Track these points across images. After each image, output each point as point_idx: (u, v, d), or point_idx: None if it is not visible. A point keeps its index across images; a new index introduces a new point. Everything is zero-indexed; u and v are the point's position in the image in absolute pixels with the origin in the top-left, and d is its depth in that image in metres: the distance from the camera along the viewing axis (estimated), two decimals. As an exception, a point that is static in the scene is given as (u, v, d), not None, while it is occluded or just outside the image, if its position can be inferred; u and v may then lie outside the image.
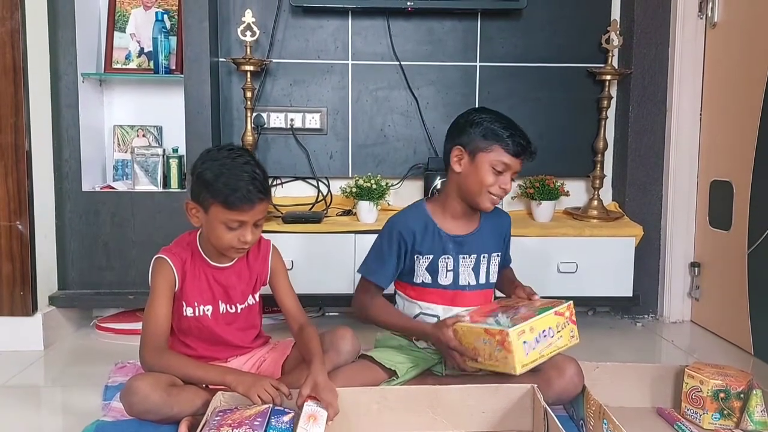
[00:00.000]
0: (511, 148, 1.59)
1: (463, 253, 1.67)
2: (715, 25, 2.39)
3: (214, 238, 1.54)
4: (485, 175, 1.60)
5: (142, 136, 2.48)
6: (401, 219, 1.70)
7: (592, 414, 1.45)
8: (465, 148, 1.62)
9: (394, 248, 1.66)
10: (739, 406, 1.54)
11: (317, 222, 2.32)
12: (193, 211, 1.56)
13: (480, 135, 1.61)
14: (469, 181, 1.62)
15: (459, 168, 1.64)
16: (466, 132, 1.63)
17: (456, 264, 1.67)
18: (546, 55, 2.56)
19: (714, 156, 2.41)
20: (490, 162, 1.60)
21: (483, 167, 1.60)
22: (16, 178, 2.05)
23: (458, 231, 1.69)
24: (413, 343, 1.71)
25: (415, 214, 1.70)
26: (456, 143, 1.64)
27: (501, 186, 1.61)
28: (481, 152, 1.60)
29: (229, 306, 1.64)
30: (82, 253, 2.26)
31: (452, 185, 1.68)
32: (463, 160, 1.63)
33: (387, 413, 1.47)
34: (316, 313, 2.53)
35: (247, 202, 1.49)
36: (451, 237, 1.67)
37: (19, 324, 2.09)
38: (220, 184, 1.49)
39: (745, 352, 2.17)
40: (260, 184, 1.52)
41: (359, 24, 2.53)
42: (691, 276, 2.52)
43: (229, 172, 1.50)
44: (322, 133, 2.57)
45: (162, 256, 1.58)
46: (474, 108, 1.78)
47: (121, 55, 2.42)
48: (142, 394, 1.44)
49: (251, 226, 1.53)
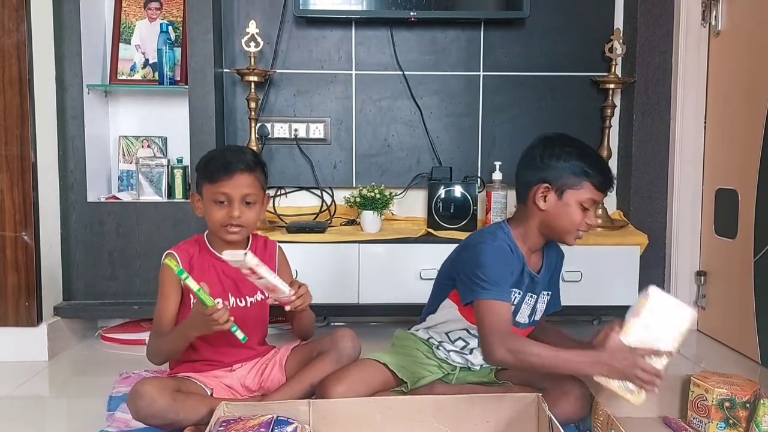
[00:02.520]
0: (601, 186, 1.53)
1: (532, 291, 1.62)
2: (718, 33, 2.39)
3: (209, 220, 1.60)
4: (574, 213, 1.52)
5: (146, 147, 2.50)
6: (509, 243, 1.57)
7: (600, 424, 1.44)
8: (551, 185, 1.53)
9: (510, 269, 1.55)
10: (745, 415, 1.52)
11: (321, 232, 2.32)
12: (196, 201, 1.64)
13: (569, 172, 1.51)
14: (557, 219, 1.54)
15: (544, 205, 1.54)
16: (551, 167, 1.53)
17: (521, 301, 1.60)
18: (549, 64, 2.57)
19: (719, 164, 2.41)
20: (579, 200, 1.52)
21: (572, 205, 1.52)
22: (22, 188, 2.06)
23: (533, 267, 1.62)
24: (432, 351, 1.70)
25: (509, 240, 1.58)
26: (539, 178, 1.54)
27: (588, 222, 1.54)
28: (570, 189, 1.52)
29: (239, 299, 1.64)
30: (87, 264, 2.27)
31: (535, 220, 1.57)
32: (549, 197, 1.53)
33: (391, 423, 1.46)
34: (321, 323, 2.53)
35: (226, 173, 1.56)
36: (530, 274, 1.60)
37: (24, 334, 2.09)
38: (207, 164, 1.61)
39: (753, 361, 2.15)
40: (242, 156, 1.60)
41: (362, 34, 2.54)
42: (697, 285, 2.51)
43: (216, 154, 1.65)
44: (326, 143, 2.58)
45: (169, 252, 1.62)
46: (551, 137, 1.59)
47: (126, 66, 2.44)
48: (149, 398, 1.45)
49: (238, 202, 1.57)
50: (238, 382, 1.65)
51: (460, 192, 2.40)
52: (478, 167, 2.60)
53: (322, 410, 1.45)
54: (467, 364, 1.70)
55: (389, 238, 2.31)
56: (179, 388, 1.52)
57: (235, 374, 1.66)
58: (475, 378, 1.71)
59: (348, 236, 2.32)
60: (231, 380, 1.65)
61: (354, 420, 1.44)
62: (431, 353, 1.70)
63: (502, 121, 2.58)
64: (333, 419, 1.45)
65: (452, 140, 2.59)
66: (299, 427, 1.36)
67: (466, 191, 2.40)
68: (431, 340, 1.72)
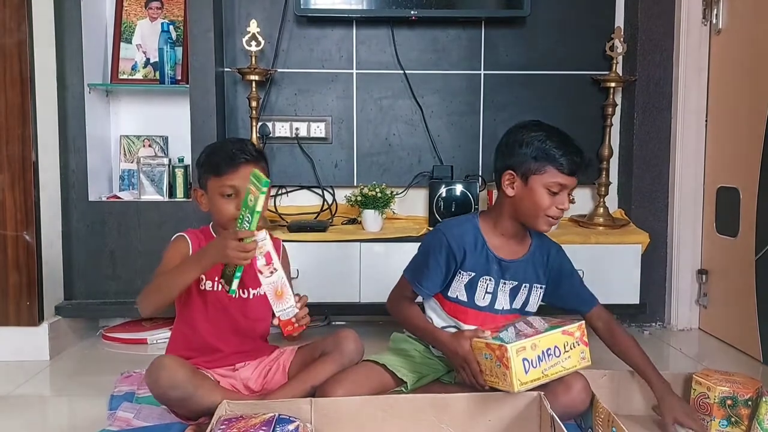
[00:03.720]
0: (565, 168, 1.51)
1: (505, 278, 1.61)
2: (719, 31, 2.39)
3: (217, 213, 1.58)
4: (540, 198, 1.52)
5: (148, 146, 2.50)
6: (454, 232, 1.60)
7: (601, 422, 1.44)
8: (516, 172, 1.54)
9: (443, 261, 1.58)
10: (747, 413, 1.52)
11: (322, 231, 2.32)
12: (199, 196, 1.63)
13: (531, 156, 1.51)
14: (524, 204, 1.54)
15: (512, 192, 1.55)
16: (515, 153, 1.54)
17: (496, 287, 1.61)
18: (550, 62, 2.57)
19: (720, 162, 2.40)
20: (545, 184, 1.51)
21: (537, 190, 1.52)
22: (23, 188, 2.06)
23: (506, 254, 1.61)
24: (429, 350, 1.70)
25: (468, 228, 1.61)
26: (506, 166, 1.56)
27: (558, 207, 1.53)
28: (534, 175, 1.52)
29: (242, 291, 1.63)
30: (89, 263, 2.27)
31: (505, 206, 1.60)
32: (516, 184, 1.54)
33: (392, 422, 1.46)
34: (322, 322, 2.53)
35: (232, 165, 1.55)
36: (497, 259, 1.60)
37: (25, 334, 2.09)
38: (210, 157, 1.59)
39: (754, 359, 2.15)
40: (245, 147, 1.59)
41: (363, 33, 2.54)
42: (698, 283, 2.51)
43: (218, 147, 1.64)
44: (327, 142, 2.58)
45: (179, 234, 1.62)
46: (522, 124, 1.60)
47: (127, 65, 2.44)
48: (171, 369, 1.45)
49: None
50: (242, 383, 1.65)
51: (461, 191, 2.40)
52: (479, 166, 2.60)
53: (323, 409, 1.45)
54: None
55: (390, 237, 2.31)
56: (195, 369, 1.52)
57: (238, 374, 1.66)
58: None
59: (349, 235, 2.32)
60: (234, 380, 1.65)
61: (355, 418, 1.44)
62: (428, 352, 1.70)
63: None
64: (335, 418, 1.44)
65: (453, 139, 2.59)
66: (301, 425, 1.35)
67: (467, 190, 2.40)
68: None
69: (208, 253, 1.45)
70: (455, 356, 1.53)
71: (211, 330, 1.62)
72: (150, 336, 2.31)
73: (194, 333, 1.61)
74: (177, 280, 1.48)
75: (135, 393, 1.77)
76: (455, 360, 1.54)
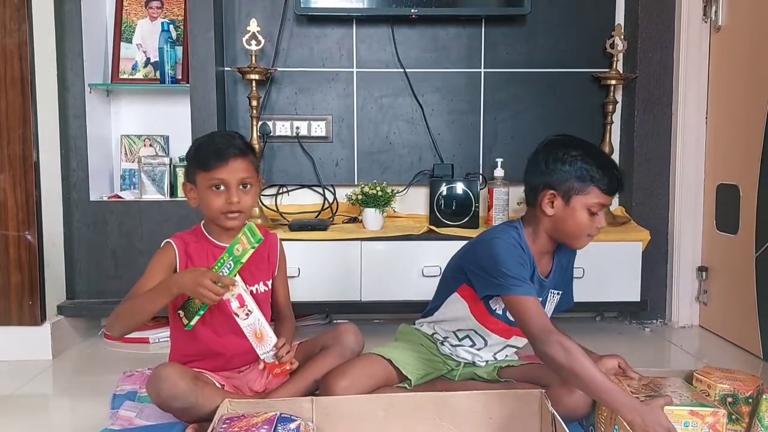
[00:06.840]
0: (608, 189, 1.48)
1: (540, 294, 1.57)
2: (719, 28, 2.38)
3: (207, 208, 1.57)
4: (582, 218, 1.49)
5: (149, 146, 2.50)
6: (515, 242, 1.53)
7: (603, 419, 1.44)
8: (557, 191, 1.50)
9: (524, 267, 1.51)
10: (747, 410, 1.52)
11: (323, 230, 2.33)
12: (188, 190, 1.62)
13: (574, 176, 1.48)
14: (566, 224, 1.51)
15: (551, 211, 1.51)
16: (556, 171, 1.49)
17: None
18: (550, 60, 2.57)
19: (720, 159, 2.41)
20: (587, 205, 1.48)
21: (579, 210, 1.49)
22: (24, 188, 2.06)
23: (543, 270, 1.60)
24: (436, 348, 1.71)
25: (521, 240, 1.55)
26: (545, 184, 1.51)
27: (597, 226, 1.51)
28: (577, 195, 1.48)
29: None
30: (90, 263, 2.27)
31: (543, 224, 1.55)
32: (556, 203, 1.50)
33: (393, 420, 1.46)
34: (323, 320, 2.53)
35: (220, 159, 1.54)
36: (539, 279, 1.57)
37: (27, 334, 2.10)
38: (198, 152, 1.59)
39: (755, 356, 2.15)
40: (232, 141, 1.58)
41: (364, 32, 2.54)
42: (698, 280, 2.51)
43: (206, 141, 1.62)
44: (327, 141, 2.58)
45: (167, 241, 1.62)
46: (555, 140, 1.56)
47: (127, 65, 2.44)
48: (172, 381, 1.45)
49: (236, 187, 1.55)
50: (246, 386, 1.65)
51: (461, 189, 2.40)
52: (479, 164, 2.60)
53: (325, 407, 1.45)
54: (473, 359, 1.70)
55: (391, 236, 2.31)
56: (198, 376, 1.52)
57: (243, 375, 1.66)
58: (479, 373, 1.71)
59: (350, 234, 2.32)
60: (239, 382, 1.65)
61: (357, 417, 1.44)
62: (435, 349, 1.71)
63: (504, 118, 2.58)
64: (336, 416, 1.45)
65: (454, 137, 2.60)
66: (302, 424, 1.36)
67: (468, 188, 2.40)
68: (436, 335, 1.73)
69: (180, 283, 1.46)
70: (644, 428, 1.28)
71: (211, 333, 1.61)
72: (152, 335, 2.31)
73: (194, 338, 1.60)
74: (146, 307, 1.49)
75: (137, 392, 1.77)
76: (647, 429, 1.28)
